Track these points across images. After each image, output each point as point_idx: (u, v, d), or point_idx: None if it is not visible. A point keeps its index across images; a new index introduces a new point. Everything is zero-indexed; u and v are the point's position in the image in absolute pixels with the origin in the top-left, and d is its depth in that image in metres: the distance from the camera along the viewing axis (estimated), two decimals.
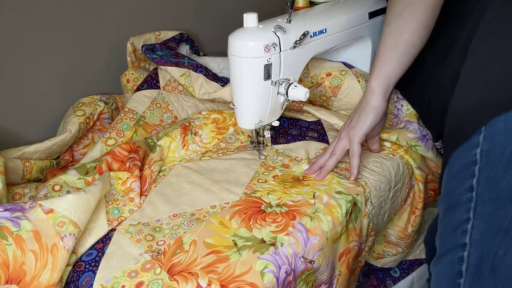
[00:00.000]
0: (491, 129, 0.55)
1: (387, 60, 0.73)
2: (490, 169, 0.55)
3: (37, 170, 0.80)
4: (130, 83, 0.96)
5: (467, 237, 0.57)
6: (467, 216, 0.57)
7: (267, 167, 0.79)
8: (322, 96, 0.92)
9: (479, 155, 0.56)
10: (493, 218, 0.55)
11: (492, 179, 0.55)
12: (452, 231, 0.60)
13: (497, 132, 0.55)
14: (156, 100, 0.91)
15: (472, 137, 0.57)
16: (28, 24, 0.81)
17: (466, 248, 0.57)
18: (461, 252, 0.58)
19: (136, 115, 0.88)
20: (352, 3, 0.86)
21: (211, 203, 0.69)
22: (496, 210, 0.54)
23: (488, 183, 0.55)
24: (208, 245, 0.61)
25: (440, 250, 0.63)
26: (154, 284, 0.56)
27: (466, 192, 0.58)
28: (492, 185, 0.55)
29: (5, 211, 0.56)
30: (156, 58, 0.92)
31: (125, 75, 0.97)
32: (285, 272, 0.59)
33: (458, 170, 0.59)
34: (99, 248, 0.62)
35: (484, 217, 0.56)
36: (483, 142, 0.56)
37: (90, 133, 0.91)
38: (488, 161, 0.55)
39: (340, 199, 0.69)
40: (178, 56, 0.93)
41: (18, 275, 0.53)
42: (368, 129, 0.74)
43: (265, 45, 0.67)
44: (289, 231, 0.62)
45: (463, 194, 0.58)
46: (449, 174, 0.62)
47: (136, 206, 0.69)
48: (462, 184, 0.58)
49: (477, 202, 0.56)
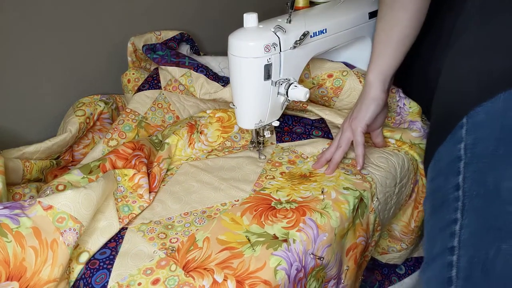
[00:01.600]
0: (472, 121, 0.53)
1: (382, 52, 0.75)
2: (476, 163, 0.52)
3: (37, 170, 0.79)
4: (131, 83, 0.96)
5: (456, 240, 0.52)
6: (455, 217, 0.53)
7: (274, 163, 0.79)
8: (324, 97, 0.93)
9: (463, 150, 0.54)
10: (482, 214, 0.51)
11: (479, 174, 0.52)
12: (439, 233, 0.55)
13: (479, 124, 0.53)
14: (158, 100, 0.90)
15: (455, 131, 0.55)
16: (28, 24, 0.80)
17: (455, 252, 0.52)
18: (450, 256, 0.53)
19: (138, 116, 0.88)
20: (352, 3, 0.87)
21: (221, 201, 0.70)
22: (486, 206, 0.51)
23: (475, 179, 0.52)
24: (222, 241, 0.61)
25: (428, 255, 0.57)
26: (171, 281, 0.56)
27: (453, 190, 0.54)
28: (479, 180, 0.52)
29: (4, 208, 0.56)
30: (157, 58, 0.91)
31: (125, 75, 0.97)
32: (296, 269, 0.60)
33: (443, 167, 0.57)
34: (112, 247, 0.61)
35: (473, 215, 0.52)
36: (466, 136, 0.54)
37: (90, 133, 0.90)
38: (474, 155, 0.53)
39: (348, 195, 0.70)
40: (179, 56, 0.93)
41: (19, 271, 0.53)
42: (370, 119, 0.76)
43: (265, 45, 0.68)
44: (300, 227, 0.63)
45: (449, 193, 0.54)
46: (434, 171, 0.59)
47: (146, 202, 0.69)
48: (448, 182, 0.55)
49: (465, 200, 0.53)
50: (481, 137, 0.52)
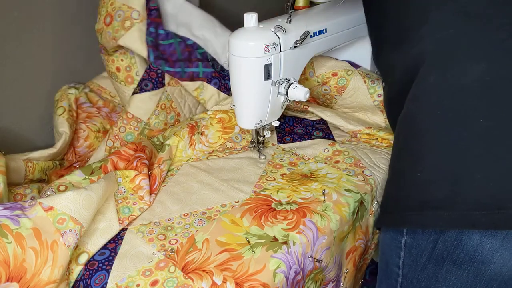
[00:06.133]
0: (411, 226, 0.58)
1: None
2: (412, 261, 0.58)
3: (40, 171, 0.79)
4: (121, 72, 0.86)
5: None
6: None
7: (275, 165, 0.79)
8: (326, 95, 0.93)
9: (403, 244, 0.58)
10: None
11: (413, 270, 0.58)
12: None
13: (416, 231, 0.57)
14: (161, 101, 0.87)
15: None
16: (28, 24, 0.81)
17: None
18: None
19: (140, 123, 0.85)
20: (352, 3, 0.86)
21: (221, 202, 0.70)
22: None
23: (411, 271, 0.58)
24: (221, 243, 0.61)
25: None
26: (169, 282, 0.56)
27: (395, 266, 0.60)
28: (413, 274, 0.58)
29: (4, 209, 0.56)
30: (171, 72, 0.84)
31: (112, 61, 0.86)
32: (294, 272, 0.60)
33: (389, 242, 0.62)
34: (111, 248, 0.61)
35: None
36: (407, 235, 0.58)
37: (82, 124, 0.87)
38: (410, 254, 0.58)
39: (349, 197, 0.69)
40: (191, 59, 0.85)
41: (19, 272, 0.53)
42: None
43: (265, 45, 0.68)
44: (300, 229, 0.63)
45: (393, 265, 0.61)
46: (383, 238, 0.64)
47: (146, 204, 0.69)
48: (392, 257, 0.61)
49: (403, 281, 0.60)
50: (417, 244, 0.57)
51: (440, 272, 0.55)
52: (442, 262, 0.55)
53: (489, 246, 0.51)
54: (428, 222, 0.54)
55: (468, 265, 0.53)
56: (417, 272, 0.58)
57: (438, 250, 0.55)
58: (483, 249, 0.51)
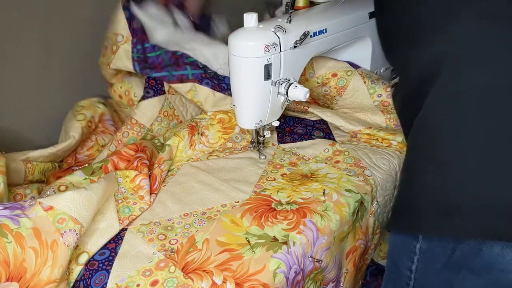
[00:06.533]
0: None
1: None
2: (425, 266, 0.57)
3: (39, 172, 0.79)
4: (123, 98, 0.92)
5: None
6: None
7: (275, 165, 0.79)
8: (326, 95, 0.93)
9: (418, 250, 0.57)
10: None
11: (427, 275, 0.57)
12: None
13: (433, 239, 0.55)
14: (164, 108, 0.87)
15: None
16: (28, 24, 0.81)
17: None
18: None
19: (143, 128, 0.86)
20: (352, 3, 0.86)
21: (221, 202, 0.70)
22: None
23: (423, 276, 0.57)
24: (221, 243, 0.61)
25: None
26: (169, 282, 0.56)
27: (406, 270, 0.59)
28: (426, 279, 0.57)
29: (4, 209, 0.56)
30: (159, 76, 0.85)
31: (114, 91, 0.92)
32: (294, 272, 0.60)
33: (400, 244, 0.60)
34: (111, 248, 0.61)
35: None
36: (422, 240, 0.56)
37: (93, 135, 0.89)
38: (425, 259, 0.57)
39: (349, 197, 0.69)
40: (178, 63, 0.86)
41: (19, 272, 0.53)
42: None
43: (265, 45, 0.68)
44: (301, 229, 0.63)
45: (404, 268, 0.59)
46: (394, 240, 0.63)
47: (147, 204, 0.69)
48: (403, 260, 0.59)
49: (415, 284, 0.59)
50: (433, 250, 0.56)
51: (455, 279, 0.54)
52: (459, 269, 0.53)
53: (510, 256, 0.49)
54: (449, 230, 0.52)
55: (486, 273, 0.52)
56: (430, 277, 0.57)
57: (456, 257, 0.53)
58: (503, 259, 0.50)
